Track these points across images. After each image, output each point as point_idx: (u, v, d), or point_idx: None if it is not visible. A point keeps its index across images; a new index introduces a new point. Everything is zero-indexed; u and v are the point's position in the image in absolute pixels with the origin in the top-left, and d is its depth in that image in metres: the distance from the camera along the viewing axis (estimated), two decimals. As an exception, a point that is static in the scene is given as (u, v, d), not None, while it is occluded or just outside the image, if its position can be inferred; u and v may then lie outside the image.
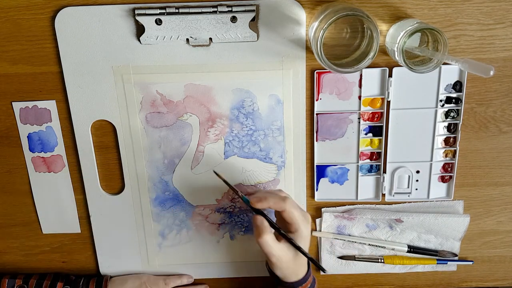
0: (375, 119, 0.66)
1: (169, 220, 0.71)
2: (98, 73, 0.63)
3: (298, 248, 0.59)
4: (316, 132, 0.66)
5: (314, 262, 0.59)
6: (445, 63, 0.54)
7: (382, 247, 0.72)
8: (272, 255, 0.58)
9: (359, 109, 0.65)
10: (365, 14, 0.52)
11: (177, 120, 0.65)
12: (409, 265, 0.73)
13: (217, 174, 0.64)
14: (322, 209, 0.71)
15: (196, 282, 0.75)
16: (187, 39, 0.61)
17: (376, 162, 0.68)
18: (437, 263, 0.73)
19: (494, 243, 0.74)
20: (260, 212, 0.59)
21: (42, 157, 0.68)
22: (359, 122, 0.66)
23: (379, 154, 0.67)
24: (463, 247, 0.73)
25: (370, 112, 0.66)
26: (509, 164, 0.69)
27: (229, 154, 0.67)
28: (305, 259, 0.62)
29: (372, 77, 0.64)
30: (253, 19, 0.60)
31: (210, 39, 0.61)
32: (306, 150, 0.67)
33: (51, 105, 0.65)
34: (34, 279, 0.72)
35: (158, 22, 0.59)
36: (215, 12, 0.59)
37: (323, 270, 0.57)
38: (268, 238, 0.57)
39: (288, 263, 0.60)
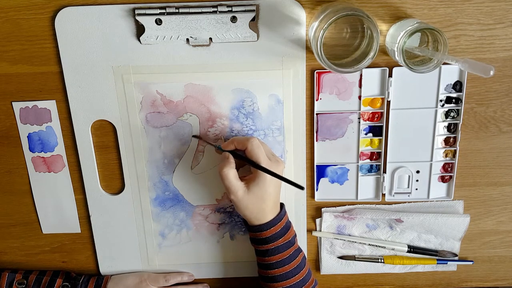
0: (375, 119, 0.66)
1: (169, 220, 0.71)
2: (98, 73, 0.63)
3: (269, 172, 0.58)
4: (316, 132, 0.66)
5: (290, 182, 0.57)
6: (445, 63, 0.54)
7: (382, 247, 0.72)
8: (230, 191, 0.59)
9: (359, 109, 0.65)
10: (365, 14, 0.52)
11: (177, 120, 0.65)
12: (409, 265, 0.73)
13: (196, 136, 0.65)
14: (322, 209, 0.71)
15: (196, 281, 0.75)
16: (187, 39, 0.61)
17: (376, 162, 0.68)
18: (437, 263, 0.73)
19: (494, 243, 0.74)
20: (233, 153, 0.61)
21: (42, 157, 0.68)
22: (359, 122, 0.66)
23: (379, 154, 0.67)
24: (463, 247, 0.73)
25: (370, 112, 0.66)
26: (509, 164, 0.69)
27: (229, 154, 0.67)
28: (271, 204, 0.61)
29: (372, 77, 0.64)
30: (253, 19, 0.60)
31: (210, 39, 0.61)
32: (306, 150, 0.67)
33: (51, 105, 0.65)
34: (34, 274, 0.72)
35: (158, 22, 0.59)
36: (215, 12, 0.59)
37: (301, 188, 0.56)
38: (229, 172, 0.59)
39: (248, 203, 0.60)
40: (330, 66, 0.54)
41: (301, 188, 0.56)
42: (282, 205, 0.64)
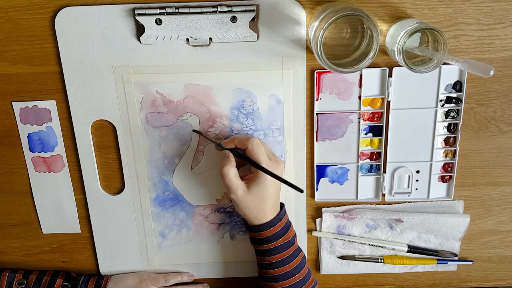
0: (375, 119, 0.66)
1: (169, 220, 0.71)
2: (98, 73, 0.63)
3: (270, 173, 0.58)
4: (316, 132, 0.66)
5: (290, 184, 0.57)
6: (445, 63, 0.54)
7: (382, 247, 0.72)
8: (230, 190, 0.59)
9: (359, 109, 0.65)
10: (365, 14, 0.52)
11: (177, 120, 0.65)
12: (409, 265, 0.73)
13: (196, 131, 0.65)
14: (322, 209, 0.71)
15: (196, 281, 0.75)
16: (187, 39, 0.61)
17: (376, 162, 0.68)
18: (437, 263, 0.73)
19: (494, 243, 0.74)
20: (233, 151, 0.61)
21: (42, 157, 0.68)
22: (359, 122, 0.66)
23: (379, 154, 0.67)
24: (463, 247, 0.73)
25: (370, 112, 0.66)
26: (509, 164, 0.69)
27: (229, 154, 0.67)
28: (271, 204, 0.61)
29: (372, 77, 0.64)
30: (253, 19, 0.60)
31: (210, 39, 0.61)
32: (306, 150, 0.67)
33: (51, 105, 0.65)
34: (34, 274, 0.72)
35: (158, 22, 0.59)
36: (215, 12, 0.59)
37: (301, 191, 0.56)
38: (229, 170, 0.59)
39: (248, 203, 0.60)
40: (330, 66, 0.54)
41: (301, 191, 0.56)
42: (282, 205, 0.64)
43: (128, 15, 0.60)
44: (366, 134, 0.67)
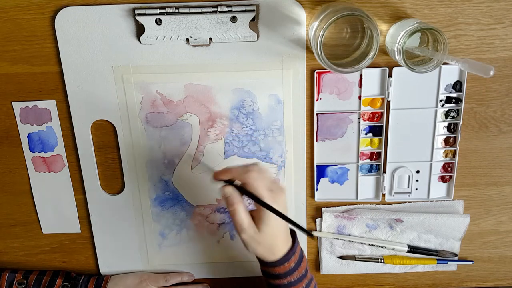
0: (375, 119, 0.66)
1: (169, 220, 0.71)
2: (98, 73, 0.63)
3: (277, 212, 0.54)
4: (316, 132, 0.66)
5: (297, 225, 0.55)
6: (445, 63, 0.54)
7: (382, 247, 0.72)
8: (241, 229, 0.55)
9: (359, 109, 0.65)
10: (365, 14, 0.52)
11: (177, 120, 0.66)
12: (409, 265, 0.73)
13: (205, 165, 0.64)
14: (322, 209, 0.71)
15: (196, 281, 0.75)
16: (187, 39, 0.61)
17: (376, 162, 0.68)
18: (437, 263, 0.73)
19: (494, 243, 0.74)
20: (231, 184, 0.56)
21: (42, 157, 0.68)
22: (359, 122, 0.66)
23: (379, 154, 0.67)
24: (463, 247, 0.73)
25: (370, 112, 0.66)
26: (509, 164, 0.69)
27: (229, 154, 0.67)
28: (283, 237, 0.58)
29: (372, 77, 0.64)
30: (253, 19, 0.60)
31: (210, 39, 0.61)
32: (306, 150, 0.67)
33: (51, 105, 0.65)
34: (34, 274, 0.72)
35: (158, 22, 0.59)
36: (215, 12, 0.59)
37: (310, 234, 0.53)
38: (241, 208, 0.54)
39: (260, 241, 0.55)
40: (330, 66, 0.54)
41: (309, 234, 0.54)
42: (293, 234, 0.60)
43: (128, 15, 0.60)
44: (366, 134, 0.67)
